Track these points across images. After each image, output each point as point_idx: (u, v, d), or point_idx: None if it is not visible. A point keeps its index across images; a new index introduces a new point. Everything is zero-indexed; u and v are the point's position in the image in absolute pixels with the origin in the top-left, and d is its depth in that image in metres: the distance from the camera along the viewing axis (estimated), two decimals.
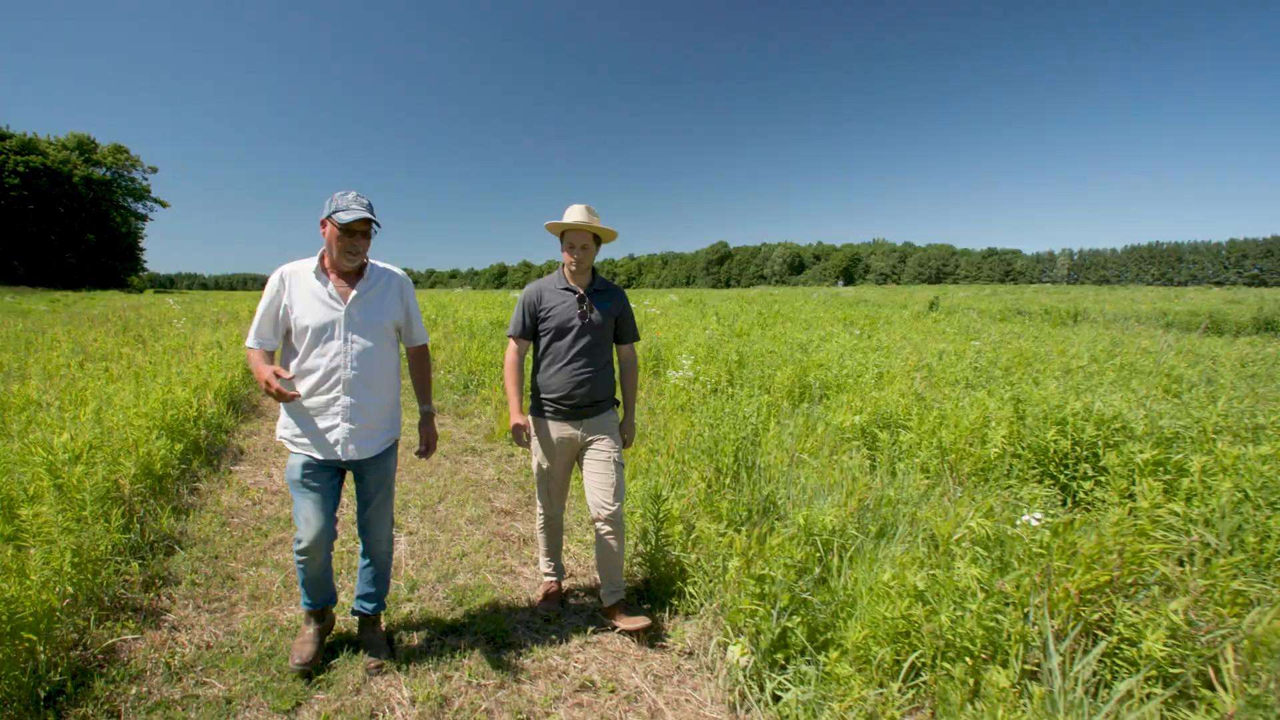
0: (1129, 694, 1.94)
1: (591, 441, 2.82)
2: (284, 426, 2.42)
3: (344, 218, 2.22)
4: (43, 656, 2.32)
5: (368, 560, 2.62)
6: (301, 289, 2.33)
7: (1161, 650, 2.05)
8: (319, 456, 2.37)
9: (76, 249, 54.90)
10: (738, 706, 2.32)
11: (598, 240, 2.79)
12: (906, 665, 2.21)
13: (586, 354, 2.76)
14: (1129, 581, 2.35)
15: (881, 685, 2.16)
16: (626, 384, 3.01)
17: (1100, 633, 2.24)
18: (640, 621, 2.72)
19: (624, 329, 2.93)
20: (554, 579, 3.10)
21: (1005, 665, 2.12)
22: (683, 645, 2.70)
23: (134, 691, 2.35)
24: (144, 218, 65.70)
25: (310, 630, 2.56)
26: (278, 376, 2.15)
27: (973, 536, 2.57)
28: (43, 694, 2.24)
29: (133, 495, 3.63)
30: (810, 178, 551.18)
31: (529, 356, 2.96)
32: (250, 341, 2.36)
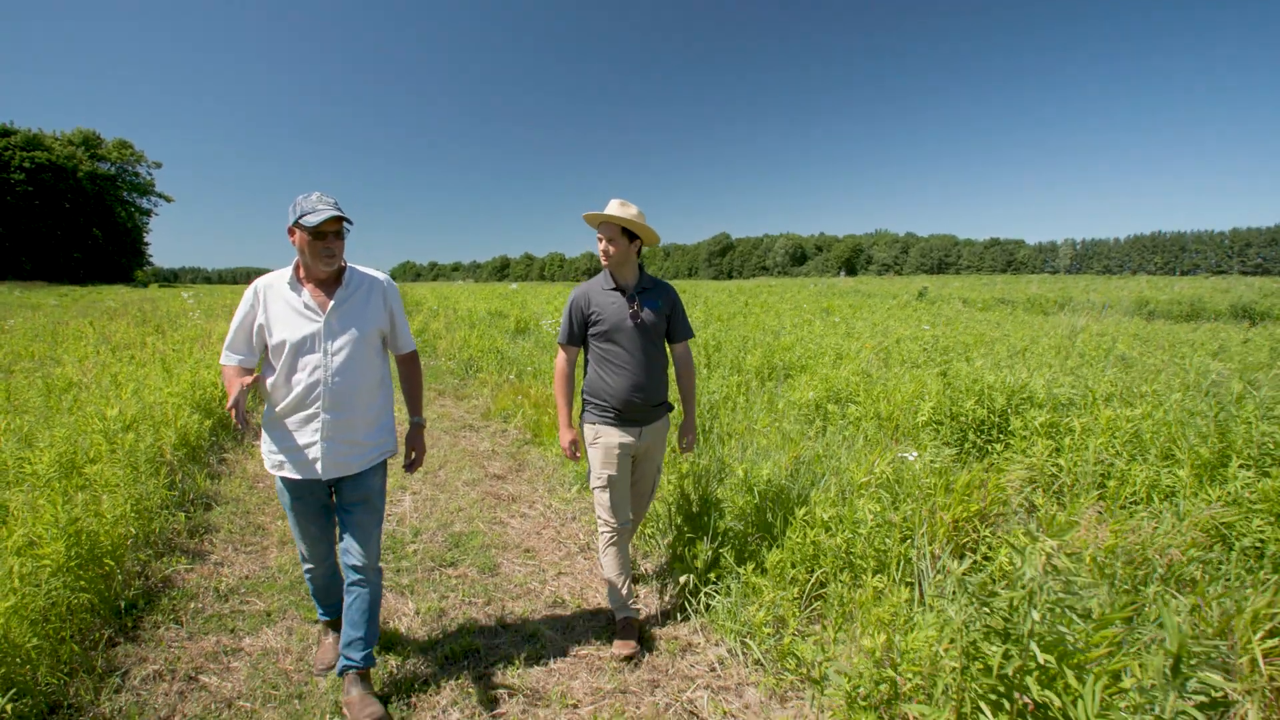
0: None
1: (645, 454, 2.77)
2: (265, 442, 2.30)
3: (312, 220, 2.06)
4: (119, 578, 2.89)
5: (354, 593, 2.31)
6: (277, 302, 2.20)
7: (1010, 565, 2.59)
8: (300, 476, 2.23)
9: (82, 244, 55.44)
10: (677, 615, 2.87)
11: (631, 236, 2.60)
12: (814, 579, 2.76)
13: (641, 357, 2.62)
14: (996, 513, 2.89)
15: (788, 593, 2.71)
16: (684, 384, 2.84)
17: (969, 553, 2.78)
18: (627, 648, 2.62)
19: (677, 326, 2.78)
20: (631, 614, 2.72)
21: (886, 575, 2.66)
22: (642, 575, 3.26)
23: (192, 606, 2.92)
24: (148, 212, 66.43)
25: (330, 640, 2.60)
26: (241, 399, 2.13)
27: (879, 481, 3.11)
28: (122, 605, 2.81)
29: (174, 460, 4.20)
30: (814, 169, 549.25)
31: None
32: (224, 358, 2.25)
